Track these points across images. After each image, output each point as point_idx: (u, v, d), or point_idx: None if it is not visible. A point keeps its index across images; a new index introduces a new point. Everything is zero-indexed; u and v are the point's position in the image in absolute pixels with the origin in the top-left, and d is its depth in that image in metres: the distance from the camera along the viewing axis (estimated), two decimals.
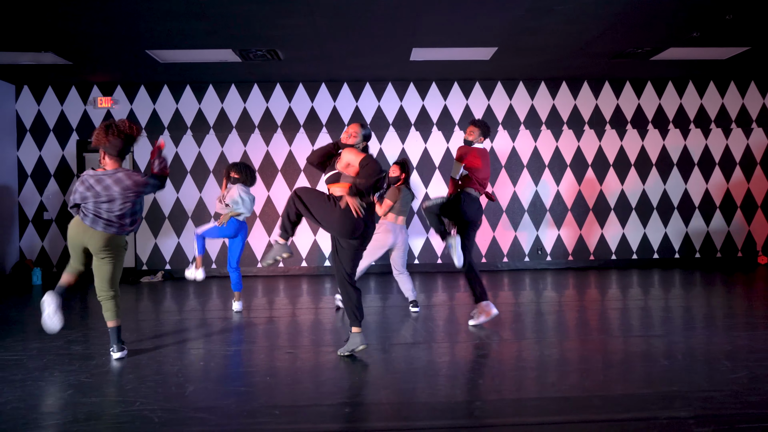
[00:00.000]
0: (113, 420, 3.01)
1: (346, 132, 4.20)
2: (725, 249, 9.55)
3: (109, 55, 7.72)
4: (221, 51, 7.61)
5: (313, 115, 9.33)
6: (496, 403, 3.25)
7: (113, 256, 4.15)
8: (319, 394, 3.42)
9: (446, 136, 9.40)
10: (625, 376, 3.70)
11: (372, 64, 8.38)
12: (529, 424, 2.94)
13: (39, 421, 3.00)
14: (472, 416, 3.06)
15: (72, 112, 9.23)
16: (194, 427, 2.91)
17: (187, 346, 4.58)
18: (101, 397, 3.40)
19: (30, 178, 9.18)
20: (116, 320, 4.22)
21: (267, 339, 4.90)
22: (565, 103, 9.46)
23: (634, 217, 9.48)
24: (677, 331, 4.92)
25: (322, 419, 3.01)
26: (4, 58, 7.80)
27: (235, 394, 3.42)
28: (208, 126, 9.29)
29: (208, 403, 3.25)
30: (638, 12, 6.34)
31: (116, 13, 6.21)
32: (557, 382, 3.59)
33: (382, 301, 6.69)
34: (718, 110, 9.54)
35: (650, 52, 7.90)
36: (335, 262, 4.13)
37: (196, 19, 6.42)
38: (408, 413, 3.12)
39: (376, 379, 3.76)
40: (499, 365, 4.05)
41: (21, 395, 3.40)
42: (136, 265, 9.27)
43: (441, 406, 3.20)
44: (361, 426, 2.99)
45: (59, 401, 3.30)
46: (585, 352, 4.34)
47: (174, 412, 3.11)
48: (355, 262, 4.13)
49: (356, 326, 4.06)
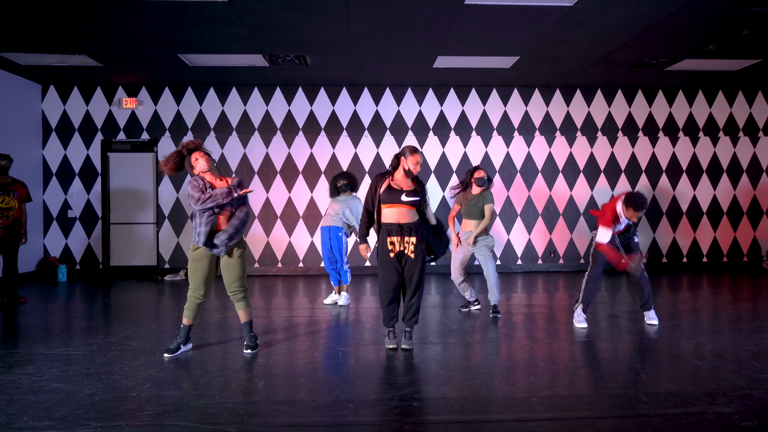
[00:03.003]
0: (201, 411, 3.21)
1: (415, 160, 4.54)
2: (731, 254, 9.87)
3: (141, 58, 7.88)
4: (251, 56, 7.81)
5: (333, 119, 9.54)
6: (552, 398, 3.48)
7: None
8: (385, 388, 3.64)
9: (463, 141, 9.64)
10: (665, 374, 3.94)
11: (395, 70, 8.60)
12: (584, 418, 3.18)
13: (132, 412, 3.20)
14: (532, 410, 3.29)
15: (97, 113, 9.38)
16: (280, 418, 3.13)
17: (241, 343, 4.78)
18: (179, 390, 3.60)
19: (55, 177, 9.32)
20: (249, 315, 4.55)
21: (318, 337, 5.10)
22: (579, 110, 9.73)
23: (644, 221, 9.77)
24: (703, 333, 5.18)
25: (390, 414, 3.23)
26: (32, 59, 7.95)
27: (306, 389, 3.64)
28: (231, 128, 9.48)
29: (284, 397, 3.47)
30: (663, 26, 6.60)
31: (154, 19, 6.39)
32: (608, 380, 3.83)
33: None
34: (727, 119, 9.85)
35: (666, 62, 8.18)
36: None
37: (232, 26, 6.60)
38: (473, 407, 3.35)
39: (438, 376, 3.97)
40: (544, 364, 4.28)
41: (104, 388, 3.60)
42: (159, 263, 9.43)
43: (499, 400, 3.43)
44: (431, 419, 3.21)
45: (142, 394, 3.49)
46: (622, 352, 4.59)
47: (255, 405, 3.33)
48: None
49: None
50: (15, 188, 6.76)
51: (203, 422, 3.03)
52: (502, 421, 3.13)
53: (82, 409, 3.23)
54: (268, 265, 9.49)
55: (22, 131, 8.85)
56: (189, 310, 4.43)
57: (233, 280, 4.42)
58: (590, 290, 5.44)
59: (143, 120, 9.42)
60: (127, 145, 9.42)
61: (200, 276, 4.35)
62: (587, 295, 5.44)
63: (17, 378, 3.83)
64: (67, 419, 3.08)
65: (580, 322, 5.40)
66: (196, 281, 4.36)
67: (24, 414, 3.17)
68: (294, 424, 3.05)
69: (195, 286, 4.37)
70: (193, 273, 4.36)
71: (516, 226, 9.67)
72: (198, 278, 4.35)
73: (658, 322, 5.50)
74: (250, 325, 4.56)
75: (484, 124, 9.66)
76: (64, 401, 3.37)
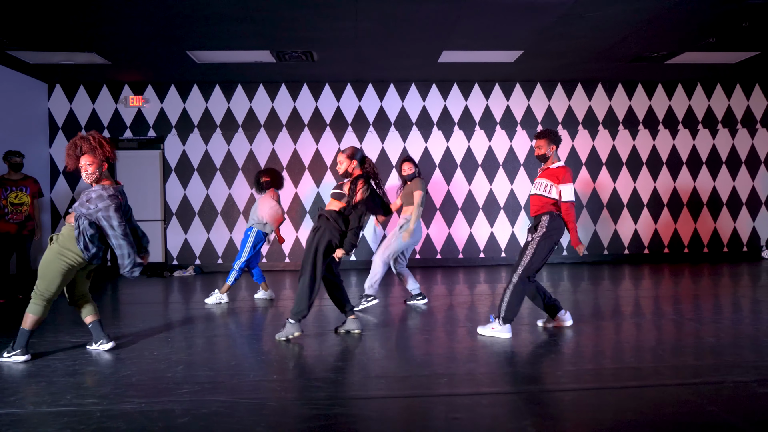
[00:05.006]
0: (237, 388, 3.30)
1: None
2: (732, 244, 10.05)
3: (149, 55, 7.96)
4: (258, 52, 7.90)
5: (339, 115, 9.64)
6: (576, 372, 3.59)
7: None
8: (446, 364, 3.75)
9: (467, 136, 9.77)
10: (684, 351, 4.07)
11: (400, 66, 8.72)
12: (607, 388, 3.30)
13: (171, 389, 3.28)
14: (559, 382, 3.41)
15: (103, 111, 9.44)
16: (318, 393, 3.23)
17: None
18: (212, 371, 3.69)
19: (62, 175, 9.37)
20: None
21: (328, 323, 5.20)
22: (581, 104, 9.88)
23: (646, 213, 9.93)
24: (716, 315, 5.32)
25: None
26: (41, 58, 8.00)
27: (336, 368, 3.74)
28: (237, 125, 9.56)
29: (317, 375, 3.57)
30: (663, 19, 6.75)
31: (163, 15, 6.45)
32: (633, 355, 3.96)
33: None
34: (725, 111, 10.04)
35: (666, 56, 8.34)
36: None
37: (241, 22, 6.69)
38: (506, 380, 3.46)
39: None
40: (572, 344, 4.39)
41: (137, 370, 3.69)
42: (166, 259, 9.50)
43: (521, 374, 3.55)
44: (497, 389, 3.31)
45: (177, 374, 3.57)
46: (646, 333, 4.72)
47: (290, 382, 3.43)
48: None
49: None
50: (27, 184, 6.82)
51: (242, 398, 3.13)
52: (550, 391, 3.24)
53: (122, 388, 3.32)
54: (275, 260, 9.57)
55: (29, 130, 8.90)
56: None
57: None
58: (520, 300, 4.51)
59: (149, 118, 9.49)
60: (134, 142, 9.49)
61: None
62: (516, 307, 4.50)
63: (50, 363, 3.90)
64: (109, 397, 3.17)
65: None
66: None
67: (66, 393, 3.25)
68: (332, 397, 3.15)
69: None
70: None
71: (520, 220, 9.80)
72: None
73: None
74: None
75: (487, 119, 9.79)
76: (103, 382, 3.46)
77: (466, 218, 9.77)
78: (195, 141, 9.53)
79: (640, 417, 2.82)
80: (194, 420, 2.82)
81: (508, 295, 4.48)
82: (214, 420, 2.81)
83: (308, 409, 2.95)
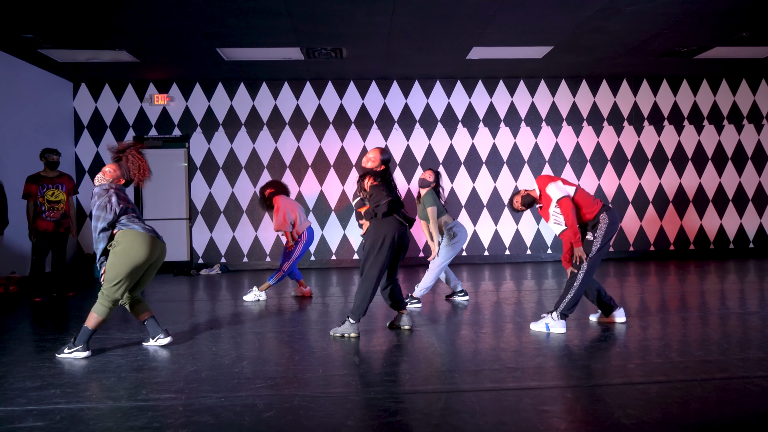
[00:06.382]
0: (311, 383, 3.27)
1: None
2: (758, 240, 10.02)
3: (179, 53, 7.93)
4: (288, 49, 7.87)
5: (363, 112, 9.62)
6: (620, 367, 3.56)
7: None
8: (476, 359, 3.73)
9: (492, 133, 9.74)
10: (710, 347, 4.04)
11: (428, 62, 8.67)
12: (675, 381, 3.27)
13: (245, 384, 3.25)
14: (605, 377, 3.38)
15: (128, 109, 9.42)
16: (397, 387, 3.20)
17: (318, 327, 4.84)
18: (280, 366, 3.66)
19: (87, 174, 9.34)
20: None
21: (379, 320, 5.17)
22: (606, 100, 9.85)
23: (671, 209, 9.89)
24: (741, 308, 5.30)
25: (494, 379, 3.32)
26: (70, 56, 7.98)
27: (403, 362, 3.71)
28: (262, 123, 9.53)
29: (384, 369, 3.54)
30: (701, 12, 6.71)
31: (198, 11, 6.42)
32: (677, 351, 3.93)
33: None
34: (750, 107, 10.00)
35: (696, 51, 8.31)
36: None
37: (277, 18, 6.65)
38: (552, 374, 3.43)
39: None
40: (617, 341, 4.37)
41: (204, 366, 3.66)
42: (192, 258, 9.48)
43: (577, 370, 3.52)
44: (540, 383, 3.29)
45: (244, 370, 3.54)
46: (679, 328, 4.69)
47: (362, 377, 3.40)
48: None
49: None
50: (63, 181, 6.80)
51: (321, 392, 3.10)
52: (606, 385, 3.21)
53: (195, 383, 3.29)
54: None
55: (55, 129, 8.87)
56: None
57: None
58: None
59: (174, 116, 9.46)
60: (159, 141, 9.46)
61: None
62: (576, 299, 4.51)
63: (112, 359, 3.88)
64: (185, 391, 3.14)
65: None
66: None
67: (141, 388, 3.22)
68: (411, 391, 3.12)
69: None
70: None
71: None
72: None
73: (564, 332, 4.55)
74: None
75: (512, 116, 9.76)
76: (173, 377, 3.43)
77: (491, 216, 9.74)
78: (220, 139, 9.50)
79: (724, 410, 2.79)
80: (281, 414, 2.79)
81: (573, 292, 4.45)
82: (301, 414, 2.78)
83: (393, 403, 2.92)
